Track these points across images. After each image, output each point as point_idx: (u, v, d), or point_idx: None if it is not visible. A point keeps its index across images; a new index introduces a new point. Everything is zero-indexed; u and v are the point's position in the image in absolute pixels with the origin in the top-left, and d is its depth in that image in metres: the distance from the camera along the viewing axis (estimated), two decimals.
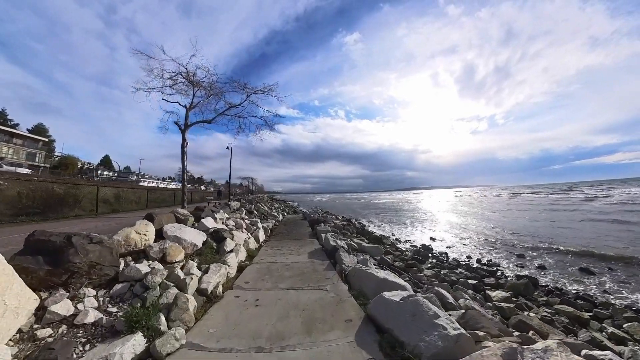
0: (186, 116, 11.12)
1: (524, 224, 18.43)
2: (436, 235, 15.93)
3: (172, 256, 4.58)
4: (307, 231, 10.82)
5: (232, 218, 9.84)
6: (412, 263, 7.66)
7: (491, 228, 17.55)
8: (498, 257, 11.27)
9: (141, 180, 50.66)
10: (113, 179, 60.13)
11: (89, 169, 68.72)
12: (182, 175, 10.40)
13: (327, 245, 6.97)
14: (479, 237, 15.20)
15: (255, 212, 14.49)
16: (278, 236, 9.93)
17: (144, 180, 53.82)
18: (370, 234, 12.14)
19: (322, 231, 9.38)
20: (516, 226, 17.74)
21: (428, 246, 12.54)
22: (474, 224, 19.49)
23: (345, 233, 11.09)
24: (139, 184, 34.76)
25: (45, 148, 57.31)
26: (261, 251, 7.25)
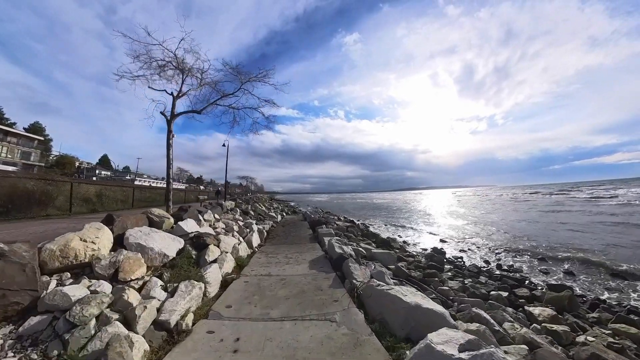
0: (173, 105, 9.94)
1: (533, 226, 17.28)
2: (445, 237, 14.79)
3: (127, 272, 3.42)
4: (307, 234, 9.67)
5: (223, 219, 8.69)
6: (432, 273, 6.51)
7: (501, 229, 16.41)
8: (517, 261, 10.16)
9: (137, 180, 49.38)
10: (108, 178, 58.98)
11: (87, 168, 67.87)
12: (167, 170, 9.22)
13: (331, 252, 5.82)
14: (489, 239, 14.07)
15: (252, 213, 13.35)
16: (275, 240, 8.77)
17: (140, 180, 52.58)
18: (377, 237, 11.01)
19: (325, 234, 8.23)
20: (526, 228, 16.60)
21: (440, 250, 11.39)
22: (481, 225, 18.35)
23: (350, 236, 9.94)
24: (134, 183, 33.61)
25: (41, 147, 56.26)
26: (253, 259, 6.09)
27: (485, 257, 10.82)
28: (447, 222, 21.17)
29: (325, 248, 6.70)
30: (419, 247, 12.31)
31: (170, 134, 9.64)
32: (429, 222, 21.50)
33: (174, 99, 10.13)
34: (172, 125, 9.79)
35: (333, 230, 9.18)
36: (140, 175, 75.37)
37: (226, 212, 10.53)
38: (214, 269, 4.48)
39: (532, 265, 9.77)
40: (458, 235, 15.39)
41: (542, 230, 15.60)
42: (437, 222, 21.45)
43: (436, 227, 18.25)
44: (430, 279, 6.11)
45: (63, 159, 63.87)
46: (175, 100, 10.15)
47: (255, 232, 7.98)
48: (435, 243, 13.46)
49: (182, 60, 10.23)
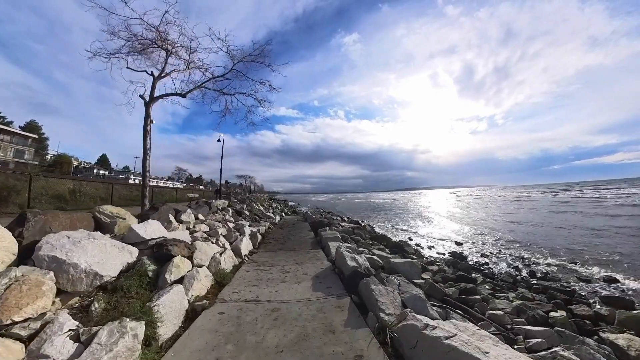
0: (153, 86, 8.56)
1: (548, 226, 15.81)
2: (459, 238, 13.37)
3: (10, 308, 2.02)
4: (308, 237, 8.26)
5: (208, 221, 7.28)
6: (469, 289, 5.08)
7: (514, 230, 14.96)
8: (547, 266, 8.82)
9: (131, 178, 48.04)
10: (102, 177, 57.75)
11: (86, 168, 66.93)
12: (143, 162, 7.83)
13: (341, 264, 4.42)
14: (506, 241, 12.65)
15: (247, 213, 11.96)
16: (271, 245, 7.36)
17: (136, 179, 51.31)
18: (387, 241, 9.61)
19: (330, 239, 6.82)
20: (541, 229, 15.14)
21: (460, 254, 9.99)
22: (491, 225, 16.90)
23: (359, 240, 8.54)
24: (128, 181, 32.32)
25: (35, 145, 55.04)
26: (240, 273, 4.68)
27: (511, 262, 9.45)
28: (455, 222, 19.75)
29: (332, 257, 5.29)
30: (435, 251, 10.89)
31: (149, 119, 8.25)
32: (437, 222, 20.08)
33: (154, 79, 8.74)
34: (150, 109, 8.41)
35: (339, 233, 7.77)
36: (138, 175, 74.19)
37: (215, 212, 9.13)
38: (176, 293, 3.08)
39: (566, 271, 8.45)
40: (471, 236, 13.97)
41: (559, 231, 14.14)
42: (444, 222, 20.03)
43: (445, 228, 16.83)
44: (469, 297, 4.70)
45: (60, 158, 62.80)
46: (155, 81, 8.76)
47: (246, 237, 6.57)
48: (450, 246, 12.06)
49: (165, 37, 8.85)
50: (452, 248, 11.66)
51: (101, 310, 2.68)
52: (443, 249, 11.49)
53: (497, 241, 12.61)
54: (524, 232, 14.60)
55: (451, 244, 12.60)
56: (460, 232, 15.50)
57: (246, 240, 6.38)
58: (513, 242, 12.23)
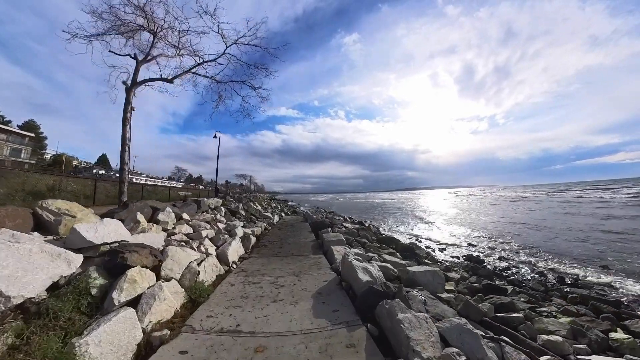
0: (136, 70, 7.70)
1: (559, 227, 14.81)
2: (470, 239, 12.45)
3: None
4: (309, 240, 7.35)
5: (194, 221, 6.38)
6: (506, 304, 4.16)
7: (526, 230, 14.00)
8: (574, 271, 7.93)
9: (137, 179, 47.38)
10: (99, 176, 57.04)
11: (85, 167, 66.64)
12: (122, 154, 6.96)
13: (349, 276, 3.51)
14: (520, 242, 11.72)
15: (242, 213, 11.06)
16: (266, 249, 6.46)
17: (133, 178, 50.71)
18: (396, 243, 8.71)
19: (333, 242, 5.92)
20: (554, 230, 14.17)
21: (477, 257, 9.08)
22: (501, 225, 15.93)
23: (365, 242, 7.63)
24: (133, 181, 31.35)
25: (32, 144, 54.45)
26: (223, 286, 3.78)
27: (533, 266, 8.55)
28: (461, 222, 18.78)
29: (337, 266, 4.39)
30: (448, 254, 9.98)
31: (129, 106, 7.37)
32: (442, 223, 19.12)
33: (137, 63, 7.87)
34: (132, 95, 7.53)
35: (342, 235, 6.86)
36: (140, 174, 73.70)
37: (205, 211, 8.24)
38: (122, 321, 2.19)
39: (594, 276, 7.56)
40: (482, 238, 13.04)
41: (575, 234, 13.14)
42: (450, 222, 19.08)
43: (453, 229, 15.88)
44: (508, 314, 3.78)
45: (60, 157, 62.33)
46: (139, 65, 7.88)
47: (236, 240, 5.67)
48: (462, 248, 11.16)
49: (151, 17, 7.99)
50: (464, 250, 10.75)
51: (6, 349, 1.80)
52: (455, 251, 10.58)
53: (510, 243, 11.67)
54: (538, 235, 13.65)
55: (462, 245, 11.69)
56: (468, 233, 14.57)
57: (235, 244, 5.47)
58: (528, 245, 11.29)
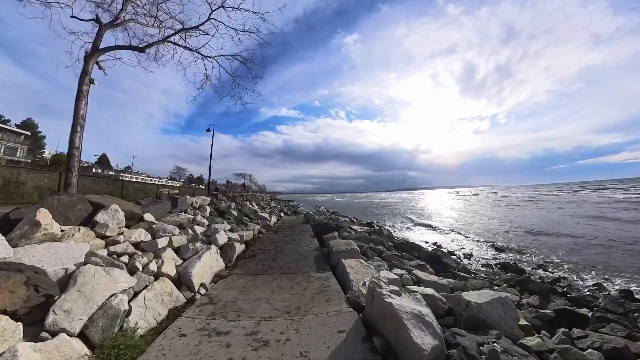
0: (97, 36, 6.14)
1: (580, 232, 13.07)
2: (493, 242, 10.82)
3: None
4: (311, 247, 5.78)
5: (159, 224, 4.81)
6: (621, 349, 2.58)
7: (550, 233, 12.33)
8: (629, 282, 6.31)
9: (121, 176, 45.89)
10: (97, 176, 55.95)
11: (85, 167, 66.15)
12: (72, 135, 5.42)
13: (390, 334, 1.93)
14: (549, 246, 10.10)
15: (234, 213, 9.51)
16: (254, 260, 4.89)
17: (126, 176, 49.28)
18: (419, 251, 7.12)
19: (344, 253, 4.35)
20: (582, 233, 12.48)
21: (515, 266, 7.48)
22: (517, 227, 14.24)
23: (381, 250, 6.04)
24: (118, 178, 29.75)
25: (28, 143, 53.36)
26: (163, 340, 2.22)
27: (581, 275, 6.98)
28: (474, 223, 17.10)
29: (356, 296, 2.81)
30: (478, 261, 8.36)
31: (86, 77, 5.81)
32: (454, 223, 17.45)
33: (100, 27, 6.29)
34: (91, 64, 5.99)
35: (355, 242, 5.28)
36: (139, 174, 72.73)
37: (184, 210, 6.69)
38: None
39: None
40: (504, 240, 11.41)
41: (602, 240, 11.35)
42: (461, 222, 17.41)
43: (467, 231, 14.23)
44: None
45: (59, 157, 61.59)
46: (103, 29, 6.30)
47: (211, 251, 4.10)
48: (487, 252, 9.56)
49: None
50: (489, 254, 9.18)
51: None
52: (481, 256, 8.99)
53: (539, 249, 10.03)
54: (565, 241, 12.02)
55: (487, 249, 10.08)
56: (485, 233, 12.92)
57: (209, 257, 3.90)
58: (558, 251, 9.65)
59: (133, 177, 55.09)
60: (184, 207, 6.92)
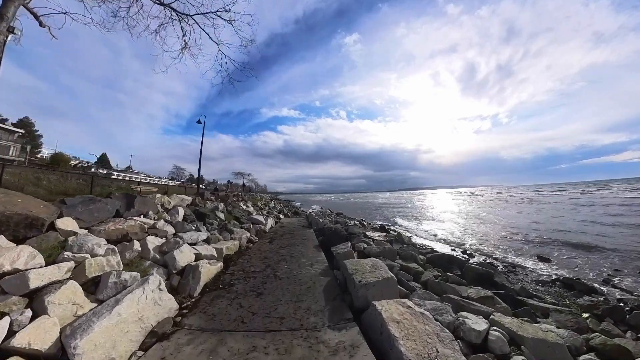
0: None
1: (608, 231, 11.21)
2: (537, 249, 9.01)
3: None
4: (317, 269, 3.99)
5: (84, 235, 3.07)
6: None
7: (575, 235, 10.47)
8: None
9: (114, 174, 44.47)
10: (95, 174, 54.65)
11: (83, 166, 65.23)
12: None
13: None
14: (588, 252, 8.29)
15: (220, 217, 7.76)
16: (229, 293, 3.13)
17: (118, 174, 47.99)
18: (459, 265, 5.35)
19: (373, 284, 2.69)
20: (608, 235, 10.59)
21: (577, 281, 5.69)
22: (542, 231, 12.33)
23: (417, 270, 4.26)
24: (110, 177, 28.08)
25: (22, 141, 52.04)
26: None
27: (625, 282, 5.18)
28: (491, 224, 15.19)
29: None
30: (525, 275, 6.57)
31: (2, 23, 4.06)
32: (472, 226, 15.54)
33: None
34: (11, 8, 4.23)
35: (383, 262, 3.51)
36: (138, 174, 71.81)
37: (144, 213, 4.92)
38: None
39: None
40: (538, 245, 9.57)
41: None
42: (477, 224, 15.50)
43: (488, 232, 12.35)
44: None
45: (57, 156, 60.55)
46: None
47: (142, 289, 2.34)
48: (527, 259, 7.77)
49: None
50: (535, 265, 7.40)
51: None
52: (526, 266, 7.21)
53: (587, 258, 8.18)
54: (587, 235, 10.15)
55: (526, 258, 8.25)
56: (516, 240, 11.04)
57: (138, 299, 2.15)
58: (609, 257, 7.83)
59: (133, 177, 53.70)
60: (146, 208, 5.15)
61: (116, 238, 3.89)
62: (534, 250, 9.19)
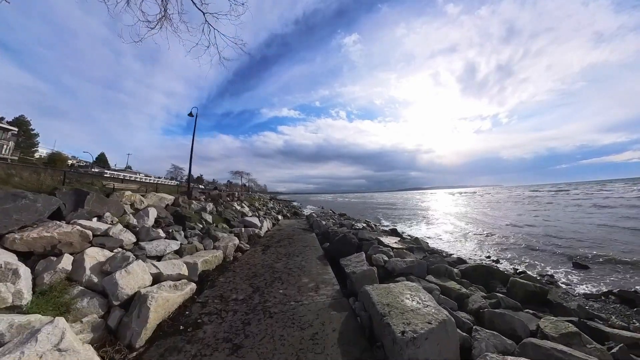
0: None
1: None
2: (567, 254, 7.85)
3: None
4: (325, 295, 2.85)
5: None
6: None
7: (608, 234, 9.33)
8: None
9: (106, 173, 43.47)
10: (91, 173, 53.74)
11: (80, 166, 64.55)
12: None
13: None
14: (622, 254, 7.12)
15: (207, 219, 6.63)
16: (191, 346, 2.01)
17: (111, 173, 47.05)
18: (500, 278, 4.24)
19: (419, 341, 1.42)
20: None
21: (636, 293, 4.53)
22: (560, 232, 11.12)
23: (458, 292, 3.14)
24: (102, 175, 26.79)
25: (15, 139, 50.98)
26: None
27: None
28: (505, 226, 13.98)
29: None
30: (567, 287, 5.42)
31: None
32: (489, 228, 14.32)
33: None
34: None
35: (415, 280, 2.39)
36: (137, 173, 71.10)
37: (97, 216, 3.80)
38: None
39: None
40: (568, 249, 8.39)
41: None
42: (492, 226, 14.28)
43: (505, 235, 11.16)
44: None
45: (54, 156, 59.87)
46: None
47: None
48: (559, 266, 6.61)
49: None
50: (576, 276, 6.23)
51: None
52: (565, 276, 6.05)
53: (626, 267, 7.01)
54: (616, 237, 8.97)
55: (558, 265, 7.07)
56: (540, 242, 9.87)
57: None
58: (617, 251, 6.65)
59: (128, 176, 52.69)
60: (104, 208, 4.01)
61: (43, 250, 2.76)
62: (562, 256, 8.00)
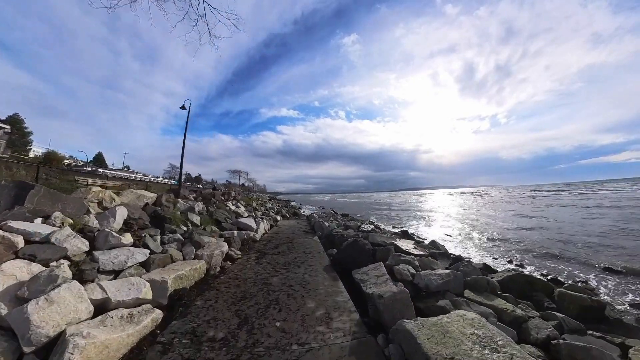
0: None
1: None
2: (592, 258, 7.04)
3: None
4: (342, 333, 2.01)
5: None
6: None
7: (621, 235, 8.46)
8: None
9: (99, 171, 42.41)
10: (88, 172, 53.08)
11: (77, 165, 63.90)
12: None
13: None
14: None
15: (194, 221, 5.79)
16: None
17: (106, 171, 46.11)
18: (545, 290, 3.45)
19: None
20: None
21: None
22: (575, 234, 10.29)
23: (513, 315, 2.32)
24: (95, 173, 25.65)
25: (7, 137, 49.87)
26: None
27: None
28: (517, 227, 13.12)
29: None
30: (612, 296, 4.63)
31: None
32: (492, 228, 13.45)
33: None
34: None
35: (468, 308, 1.57)
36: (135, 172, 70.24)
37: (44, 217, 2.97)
38: None
39: None
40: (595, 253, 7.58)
41: None
42: (503, 227, 13.41)
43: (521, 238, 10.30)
44: None
45: (50, 155, 59.19)
46: None
47: None
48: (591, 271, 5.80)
49: None
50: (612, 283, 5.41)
51: None
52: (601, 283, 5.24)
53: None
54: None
55: (591, 270, 6.26)
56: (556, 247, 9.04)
57: None
58: None
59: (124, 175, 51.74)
60: (55, 207, 3.16)
61: None
62: (587, 260, 7.16)
